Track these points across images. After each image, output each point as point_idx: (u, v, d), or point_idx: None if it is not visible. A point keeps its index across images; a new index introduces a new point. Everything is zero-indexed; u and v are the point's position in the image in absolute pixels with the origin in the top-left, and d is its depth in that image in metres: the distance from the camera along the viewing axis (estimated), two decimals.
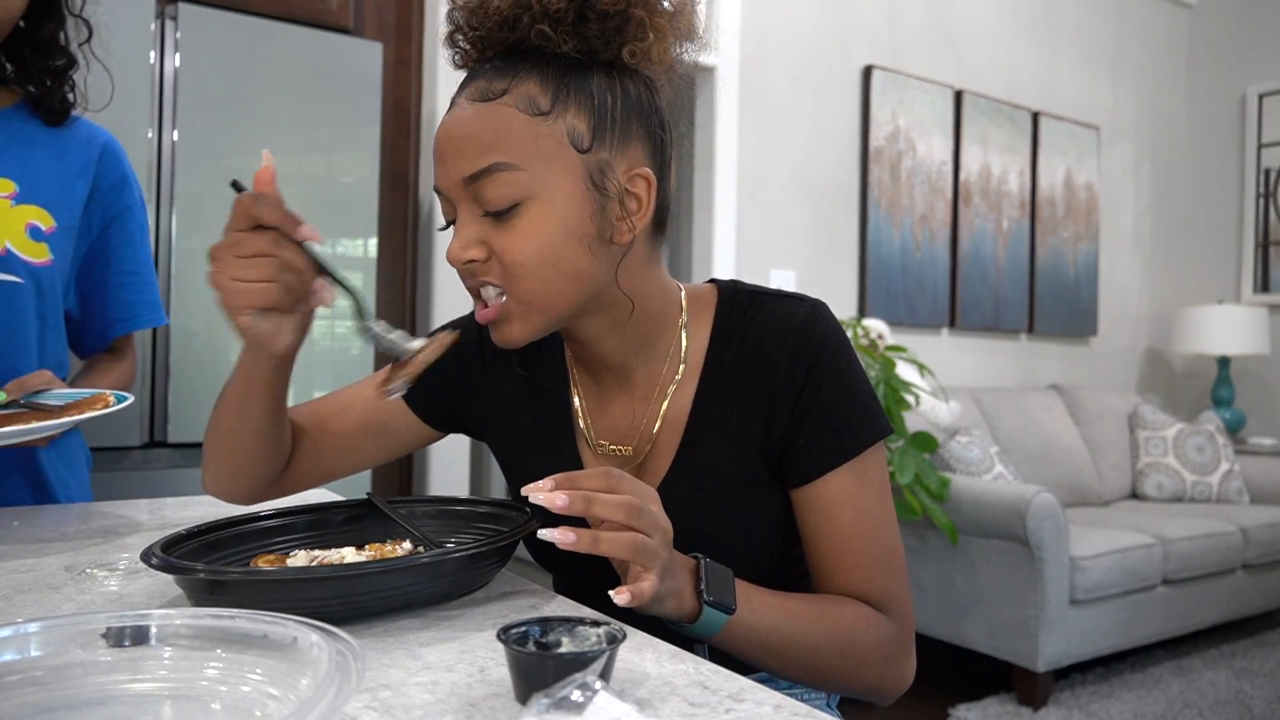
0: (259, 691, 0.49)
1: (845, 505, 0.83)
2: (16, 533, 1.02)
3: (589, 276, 0.80)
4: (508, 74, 0.78)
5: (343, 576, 0.68)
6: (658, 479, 0.87)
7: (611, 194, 0.79)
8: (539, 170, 0.76)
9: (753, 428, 0.85)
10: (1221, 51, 4.75)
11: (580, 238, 0.78)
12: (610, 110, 0.79)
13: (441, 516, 0.94)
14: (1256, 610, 3.37)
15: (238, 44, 2.05)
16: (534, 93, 0.77)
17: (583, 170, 0.78)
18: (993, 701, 2.72)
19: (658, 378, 0.89)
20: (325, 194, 2.18)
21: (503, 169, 0.76)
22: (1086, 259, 4.36)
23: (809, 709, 0.55)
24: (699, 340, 0.89)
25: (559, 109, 0.77)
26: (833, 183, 3.51)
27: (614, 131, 0.79)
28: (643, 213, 0.81)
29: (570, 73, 0.78)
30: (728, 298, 0.90)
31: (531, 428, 0.94)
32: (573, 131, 0.77)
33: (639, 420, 0.89)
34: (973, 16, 3.94)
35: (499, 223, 0.77)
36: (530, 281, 0.78)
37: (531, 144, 0.76)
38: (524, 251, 0.77)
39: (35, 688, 0.49)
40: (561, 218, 0.77)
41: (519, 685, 0.55)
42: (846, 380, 0.84)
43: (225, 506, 0.96)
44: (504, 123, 0.76)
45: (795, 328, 0.84)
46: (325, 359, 2.18)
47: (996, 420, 3.58)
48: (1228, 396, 4.32)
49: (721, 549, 0.83)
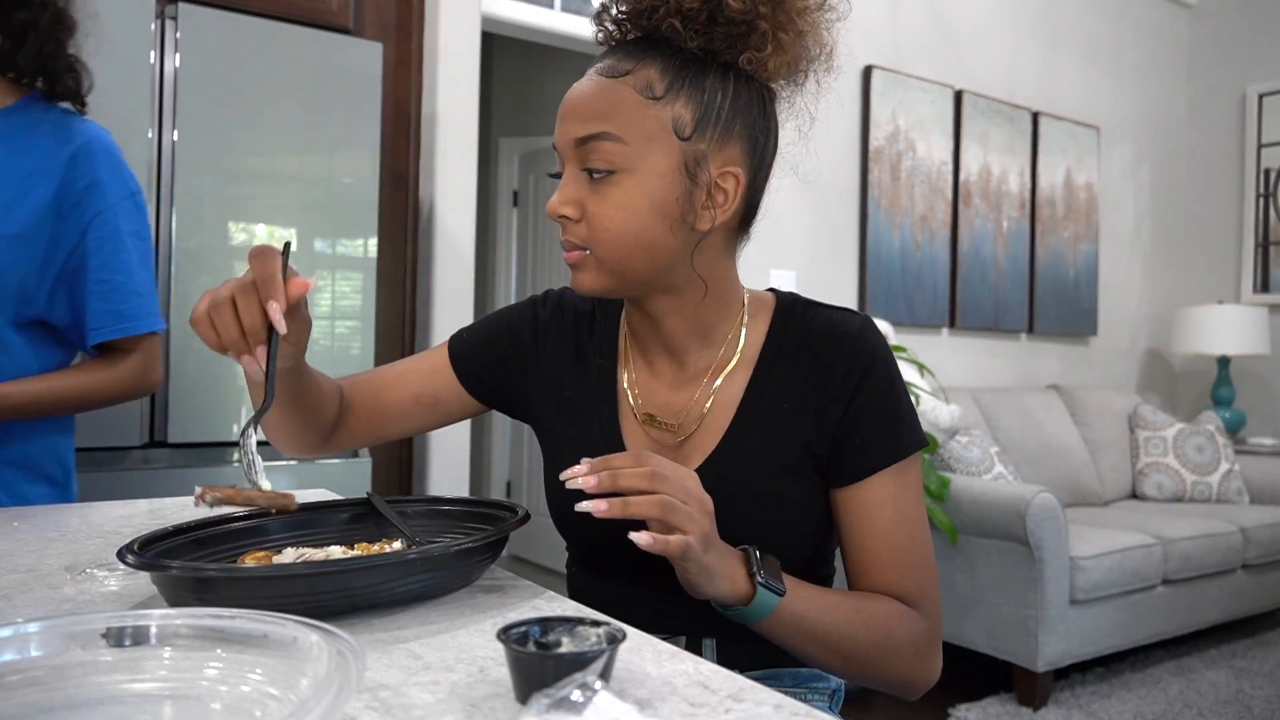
0: (259, 691, 0.49)
1: (887, 506, 0.88)
2: (16, 533, 1.02)
3: (664, 252, 0.86)
4: (635, 57, 0.85)
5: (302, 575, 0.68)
6: (702, 457, 0.91)
7: (701, 183, 0.85)
8: (640, 147, 0.83)
9: (801, 424, 0.89)
10: (1221, 51, 4.75)
11: (664, 216, 0.85)
12: (718, 107, 0.85)
13: (438, 516, 0.94)
14: (1256, 610, 3.37)
15: (238, 44, 2.05)
16: (653, 78, 0.84)
17: (679, 156, 0.84)
18: (993, 701, 2.72)
19: (711, 363, 0.94)
20: (325, 194, 2.18)
21: (608, 138, 0.83)
22: (1086, 259, 4.36)
23: (809, 709, 0.55)
24: (755, 335, 0.94)
25: (670, 96, 0.84)
26: (833, 183, 3.51)
27: (716, 127, 0.85)
28: (727, 206, 0.87)
29: (690, 67, 0.85)
30: (786, 303, 0.96)
31: (575, 399, 0.99)
32: (678, 119, 0.84)
33: (688, 400, 0.94)
34: (973, 16, 3.94)
35: (596, 186, 0.85)
36: (611, 245, 0.85)
37: (639, 123, 0.83)
38: (611, 218, 0.84)
39: (35, 688, 0.49)
40: (650, 194, 0.84)
41: (519, 685, 0.55)
42: (895, 390, 0.90)
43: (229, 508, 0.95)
44: (620, 98, 0.84)
45: (852, 334, 0.90)
46: (325, 358, 2.18)
47: (996, 420, 3.58)
48: (1228, 396, 4.32)
49: (759, 538, 0.86)
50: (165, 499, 1.28)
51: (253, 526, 0.88)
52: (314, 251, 2.18)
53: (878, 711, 2.69)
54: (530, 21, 2.93)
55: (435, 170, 2.64)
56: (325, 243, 2.20)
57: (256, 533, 0.88)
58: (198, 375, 2.00)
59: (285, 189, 2.14)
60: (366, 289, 2.23)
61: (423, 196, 2.62)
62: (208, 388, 2.02)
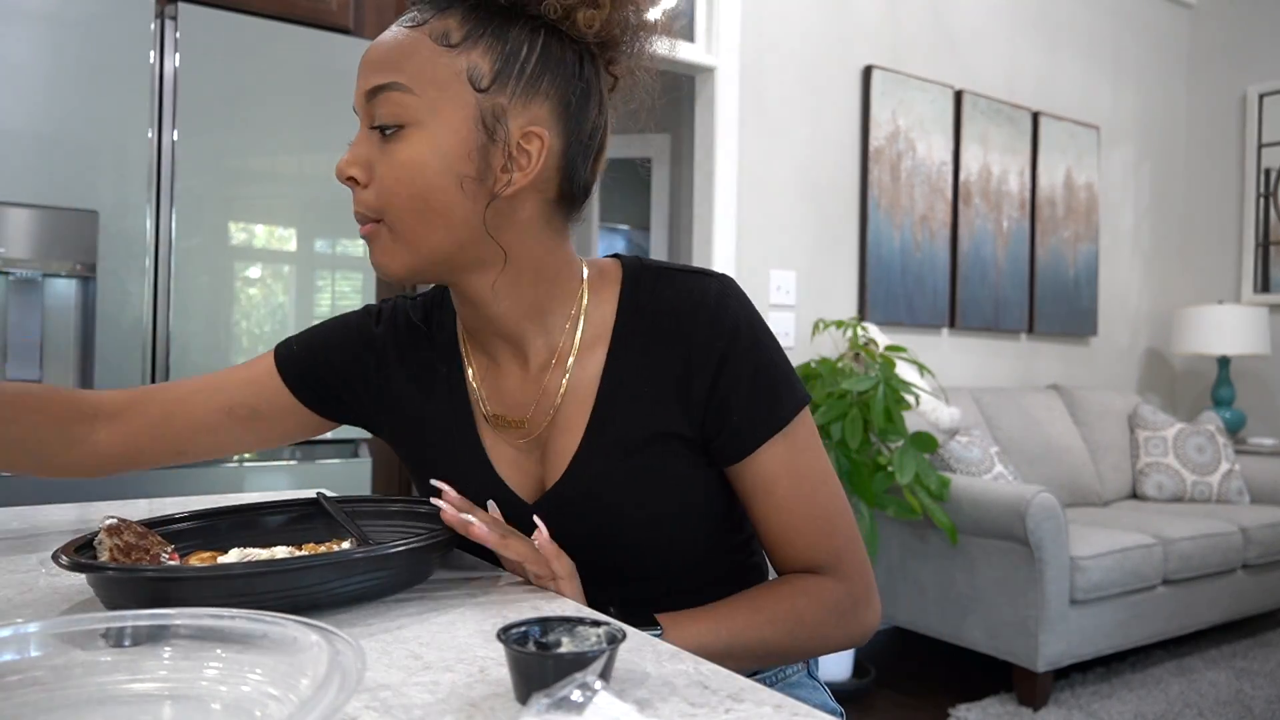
0: (259, 691, 0.49)
1: (781, 475, 0.84)
2: (16, 532, 1.02)
3: (460, 218, 0.79)
4: (437, 7, 0.79)
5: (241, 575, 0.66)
6: (567, 456, 0.85)
7: (499, 140, 0.78)
8: (430, 96, 0.77)
9: (668, 403, 0.84)
10: (1221, 51, 4.75)
11: (456, 175, 0.77)
12: (521, 60, 0.78)
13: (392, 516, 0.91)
14: (1256, 610, 3.37)
15: (238, 44, 2.05)
16: (450, 27, 0.78)
17: (474, 109, 0.77)
18: (993, 701, 2.72)
19: (555, 349, 0.87)
20: (325, 194, 2.18)
21: (395, 89, 0.77)
22: (1086, 259, 4.36)
23: (809, 709, 0.55)
24: (602, 313, 0.87)
25: (467, 45, 0.78)
26: (833, 183, 3.51)
27: (519, 81, 0.78)
28: (529, 169, 0.79)
29: (493, 17, 0.79)
30: (633, 272, 0.88)
31: (430, 417, 0.92)
32: (474, 69, 0.77)
33: (538, 392, 0.87)
34: (973, 16, 3.94)
35: (385, 145, 0.78)
36: (401, 209, 0.78)
37: (430, 71, 0.77)
38: (398, 178, 0.77)
39: (35, 688, 0.49)
40: (438, 148, 0.77)
41: (519, 685, 0.55)
42: (765, 354, 0.84)
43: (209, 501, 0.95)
44: (412, 47, 0.78)
45: (709, 304, 0.83)
46: None
47: (996, 420, 3.58)
48: (1228, 396, 4.32)
49: (650, 527, 0.84)
50: (165, 499, 1.28)
51: (198, 528, 0.86)
52: (314, 251, 2.18)
53: (878, 712, 2.69)
54: None
55: None
56: (325, 243, 2.20)
57: (202, 534, 0.86)
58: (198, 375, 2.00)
59: (285, 189, 2.14)
60: (366, 289, 2.23)
61: None
62: None
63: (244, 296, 2.10)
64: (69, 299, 1.92)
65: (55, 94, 1.85)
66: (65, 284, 1.92)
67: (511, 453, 0.89)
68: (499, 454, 0.89)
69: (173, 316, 1.97)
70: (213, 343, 2.02)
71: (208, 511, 0.88)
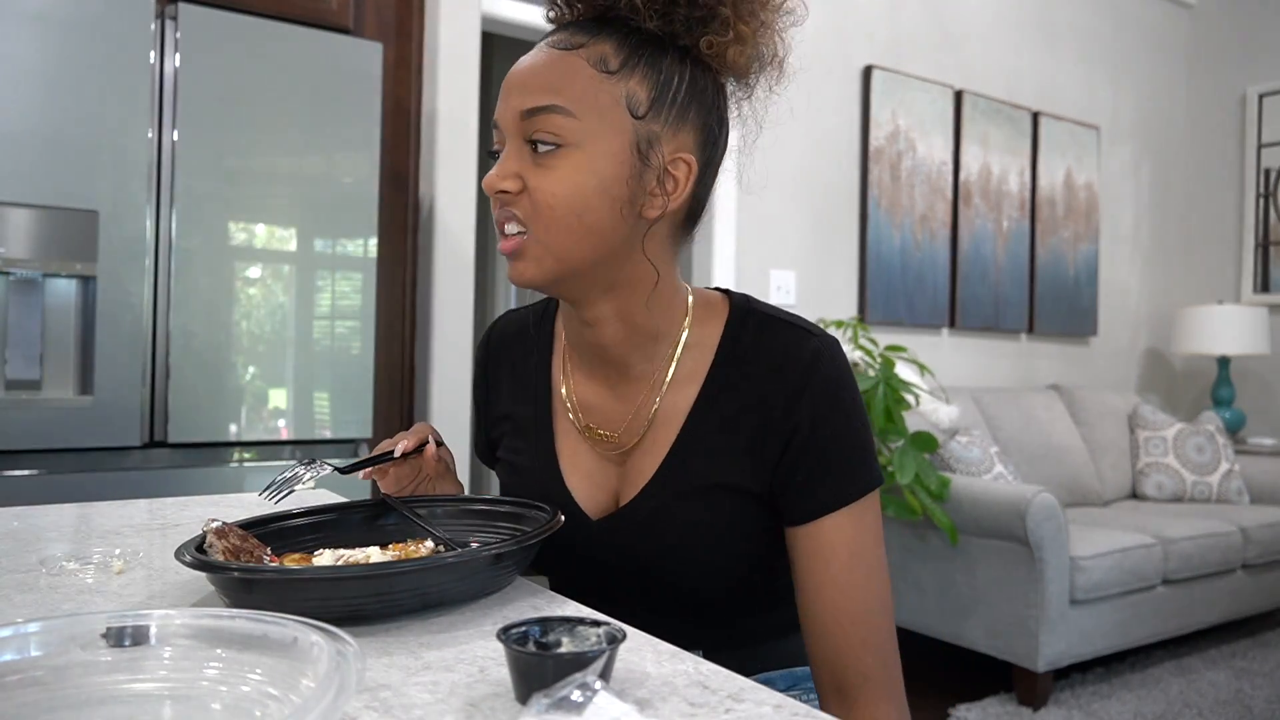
0: (259, 691, 0.49)
1: (840, 550, 0.83)
2: (16, 532, 1.02)
3: (609, 237, 0.81)
4: (590, 31, 0.81)
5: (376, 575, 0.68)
6: (641, 481, 0.87)
7: (653, 165, 0.81)
8: (591, 122, 0.79)
9: (741, 456, 0.85)
10: (1221, 51, 4.75)
11: (612, 197, 0.80)
12: (673, 90, 0.81)
13: (458, 516, 0.92)
14: (1256, 610, 3.37)
15: (238, 44, 2.05)
16: (607, 52, 0.80)
17: (631, 135, 0.80)
18: (993, 701, 2.71)
19: (653, 375, 0.89)
20: (325, 194, 2.18)
21: (557, 111, 0.79)
22: (1086, 259, 4.36)
23: (809, 709, 0.55)
24: (703, 348, 0.89)
25: (625, 72, 0.80)
26: (833, 183, 3.51)
27: (671, 110, 0.81)
28: (678, 193, 0.83)
29: (646, 45, 0.81)
30: (740, 314, 0.90)
31: (516, 416, 0.97)
32: (632, 96, 0.80)
33: (630, 412, 0.90)
34: (973, 16, 3.94)
35: (540, 161, 0.80)
36: (553, 224, 0.80)
37: (591, 96, 0.79)
38: (555, 194, 0.79)
39: (35, 688, 0.49)
40: (598, 172, 0.79)
41: (519, 685, 0.55)
42: (849, 423, 0.84)
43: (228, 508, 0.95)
44: (571, 70, 0.80)
45: (803, 361, 0.84)
46: (325, 358, 2.18)
47: (996, 420, 3.58)
48: (1228, 396, 4.32)
49: (694, 559, 0.85)
50: (165, 499, 1.28)
51: (282, 529, 0.87)
52: (314, 251, 2.18)
53: None
54: (530, 21, 2.93)
55: (435, 170, 2.64)
56: (325, 243, 2.20)
57: (287, 534, 0.87)
58: (198, 375, 2.00)
59: (285, 189, 2.14)
60: (366, 289, 2.23)
61: (423, 196, 2.62)
62: (208, 388, 2.02)
63: (244, 296, 2.10)
64: (69, 299, 1.92)
65: (55, 94, 1.85)
66: (65, 284, 1.92)
67: (587, 465, 0.91)
68: (572, 465, 0.92)
69: (173, 316, 1.97)
70: (213, 343, 2.02)
71: (280, 515, 0.89)
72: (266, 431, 2.10)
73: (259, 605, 0.66)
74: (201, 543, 0.76)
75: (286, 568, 0.73)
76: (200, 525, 1.07)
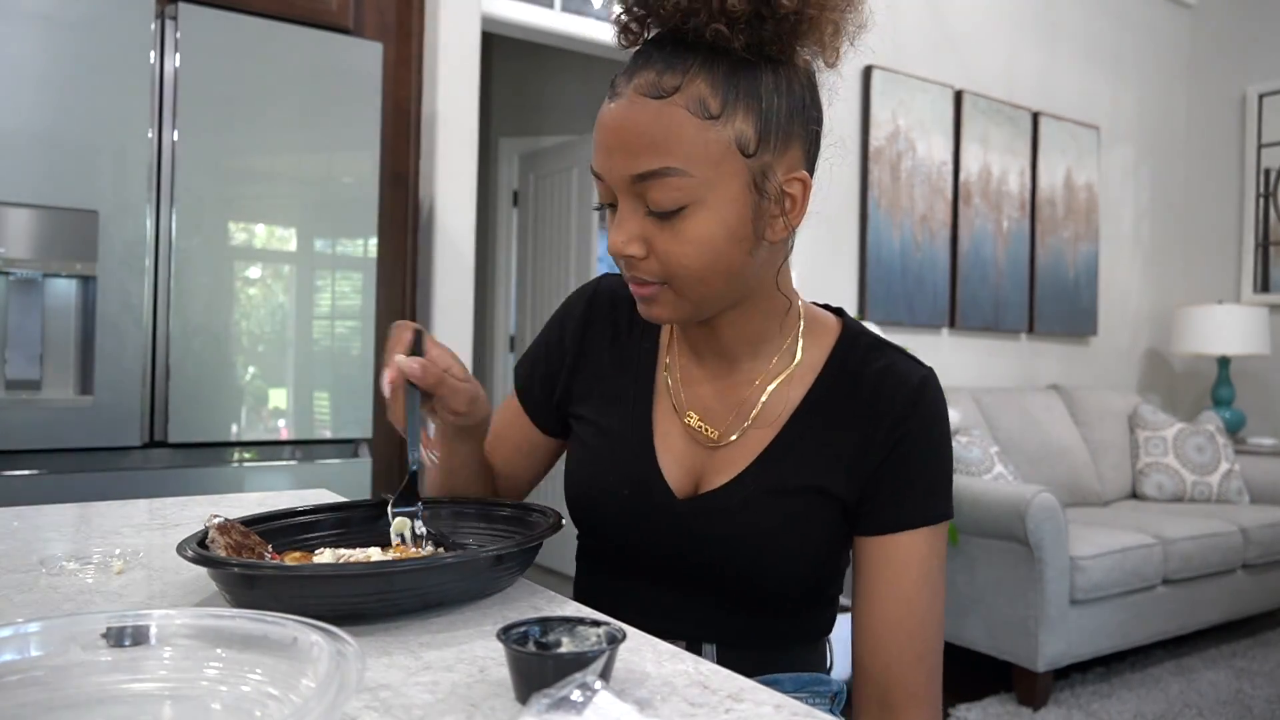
0: (259, 691, 0.49)
1: (913, 567, 0.85)
2: (16, 532, 1.02)
3: (743, 275, 0.82)
4: (678, 69, 0.76)
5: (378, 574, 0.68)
6: (734, 471, 0.88)
7: (770, 194, 0.80)
8: (707, 175, 0.76)
9: (839, 465, 0.86)
10: (1221, 51, 4.75)
11: (741, 240, 0.79)
12: (776, 113, 0.79)
13: (460, 518, 0.92)
14: (1256, 610, 3.38)
15: (238, 44, 2.05)
16: (704, 94, 0.76)
17: (747, 174, 0.78)
18: (993, 701, 2.71)
19: (760, 374, 0.90)
20: (325, 194, 2.18)
21: (673, 174, 0.76)
22: (1086, 259, 4.36)
23: (809, 709, 0.55)
24: (812, 356, 0.90)
25: (729, 113, 0.76)
26: (832, 183, 3.50)
27: (778, 135, 0.79)
28: (797, 211, 0.82)
29: (739, 72, 0.77)
30: (852, 335, 0.92)
31: (611, 388, 0.96)
32: (740, 136, 0.77)
33: (733, 405, 0.90)
34: (973, 16, 3.94)
35: (662, 222, 0.78)
36: (690, 282, 0.80)
37: (701, 149, 0.76)
38: (687, 254, 0.78)
39: (35, 688, 0.49)
40: (724, 221, 0.78)
41: (519, 685, 0.55)
42: (942, 451, 0.87)
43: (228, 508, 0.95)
44: (675, 123, 0.75)
45: (913, 385, 0.86)
46: (325, 358, 2.18)
47: (996, 420, 3.58)
48: (1228, 396, 4.32)
49: (769, 554, 0.86)
50: (165, 499, 1.28)
51: (284, 526, 0.87)
52: (314, 251, 2.18)
53: None
54: (530, 21, 2.93)
55: (435, 170, 2.64)
56: (325, 243, 2.20)
57: (288, 532, 0.87)
58: (198, 375, 2.00)
59: (285, 189, 2.14)
60: (366, 289, 2.23)
61: (423, 196, 2.62)
62: (208, 388, 2.02)
63: (244, 296, 2.10)
64: (69, 299, 1.92)
65: (55, 94, 1.85)
66: (65, 284, 1.91)
67: (678, 447, 0.91)
68: (664, 444, 0.92)
69: (173, 316, 1.97)
70: (213, 343, 2.02)
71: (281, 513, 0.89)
72: (266, 431, 2.10)
73: (259, 602, 0.66)
74: (204, 538, 0.75)
75: (288, 565, 0.72)
76: (200, 524, 1.07)
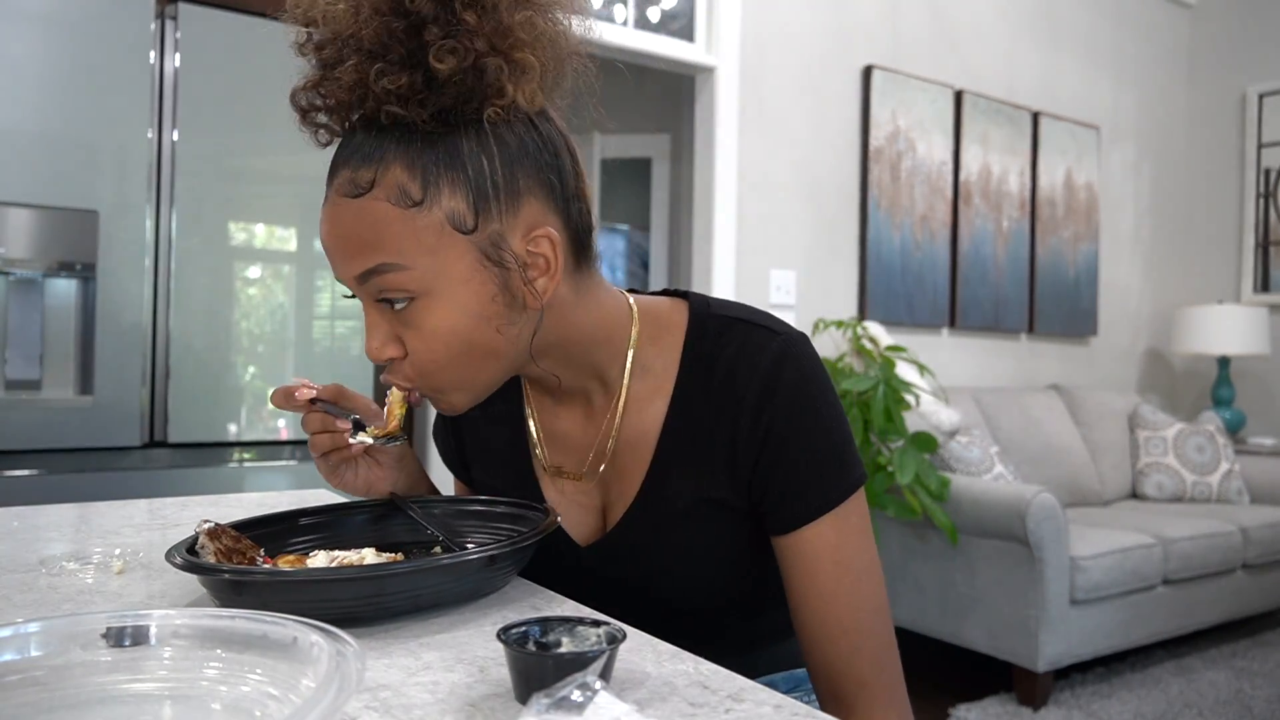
0: (259, 691, 0.49)
1: (825, 558, 0.79)
2: (16, 532, 1.02)
3: (507, 351, 0.76)
4: (372, 161, 0.71)
5: (368, 578, 0.68)
6: (623, 506, 0.85)
7: (511, 265, 0.73)
8: (426, 264, 0.71)
9: (718, 468, 0.81)
10: (1221, 51, 4.75)
11: (489, 318, 0.73)
12: (489, 176, 0.71)
13: (456, 516, 0.92)
14: (1256, 610, 3.37)
15: (238, 44, 2.05)
16: (402, 180, 0.70)
17: (474, 251, 0.72)
18: (993, 701, 2.71)
19: (615, 398, 0.85)
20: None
21: (390, 270, 0.71)
22: (1086, 259, 4.36)
23: (809, 709, 0.55)
24: (664, 362, 0.84)
25: (431, 194, 0.70)
26: (833, 183, 3.51)
27: (499, 198, 0.72)
28: (552, 271, 0.75)
29: (436, 147, 0.70)
30: (699, 320, 0.84)
31: (497, 459, 0.95)
32: (452, 215, 0.71)
33: (598, 441, 0.86)
34: (973, 16, 3.94)
35: (403, 317, 0.73)
36: (446, 375, 0.76)
37: (412, 239, 0.70)
38: (434, 349, 0.73)
39: (35, 688, 0.49)
40: (463, 306, 0.72)
41: (519, 685, 0.55)
42: (819, 425, 0.79)
43: (228, 508, 0.95)
44: (379, 219, 0.70)
45: (764, 364, 0.79)
46: (325, 358, 2.18)
47: (996, 420, 3.58)
48: (1228, 396, 4.32)
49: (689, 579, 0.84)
50: (165, 499, 1.28)
51: (280, 530, 0.87)
52: (314, 251, 2.18)
53: None
54: None
55: None
56: None
57: (284, 535, 0.87)
58: (198, 375, 2.00)
59: (285, 189, 2.14)
60: None
61: None
62: (208, 388, 2.02)
63: (244, 296, 2.10)
64: (69, 299, 1.92)
65: (55, 94, 1.85)
66: (65, 284, 1.92)
67: (570, 490, 0.90)
68: (556, 498, 0.90)
69: (173, 316, 1.97)
70: (213, 343, 2.02)
71: (279, 515, 0.89)
72: (266, 431, 2.10)
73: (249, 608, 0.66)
74: (194, 544, 0.75)
75: (277, 569, 0.72)
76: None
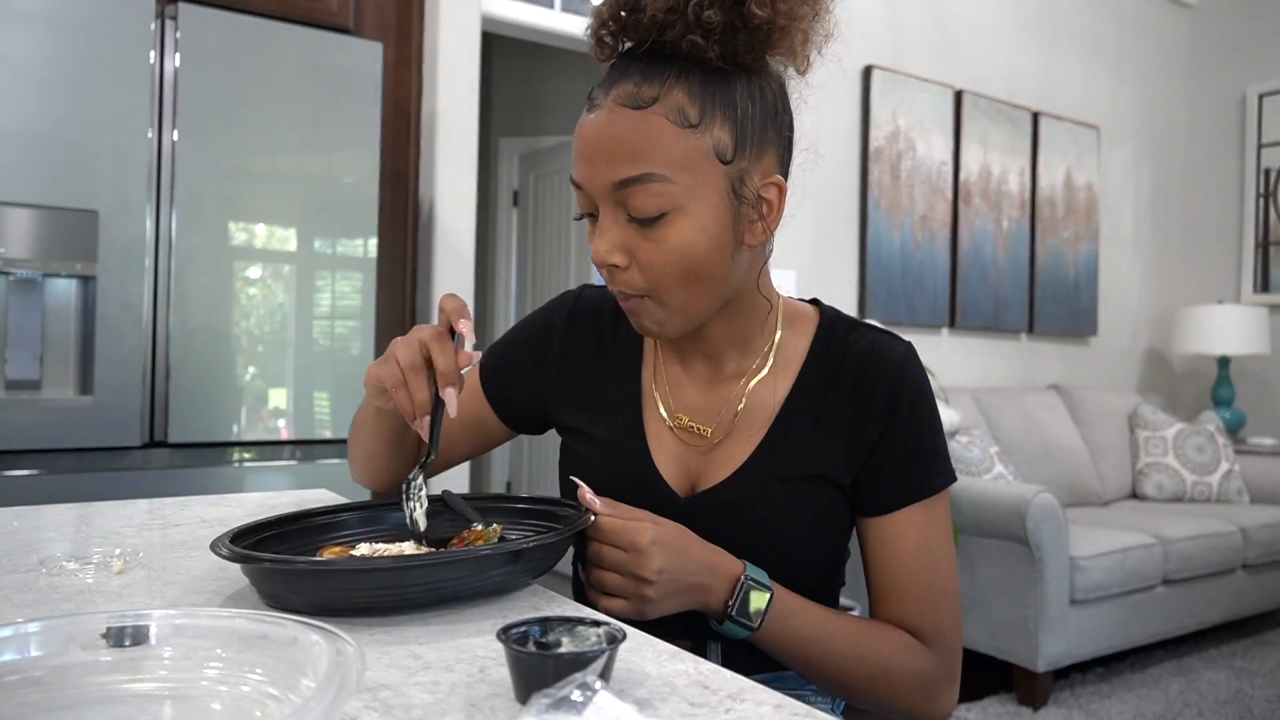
0: (259, 691, 0.49)
1: (910, 539, 0.87)
2: (16, 532, 1.02)
3: (727, 281, 0.84)
4: (655, 80, 0.79)
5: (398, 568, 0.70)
6: (732, 466, 0.89)
7: (747, 200, 0.82)
8: (687, 182, 0.79)
9: (834, 445, 0.88)
10: (1221, 51, 4.75)
11: (722, 245, 0.81)
12: (751, 120, 0.81)
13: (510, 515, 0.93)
14: (1256, 610, 3.37)
15: (238, 44, 2.05)
16: (683, 103, 0.78)
17: (725, 181, 0.80)
18: (993, 701, 2.71)
19: (747, 368, 0.92)
20: (325, 194, 2.18)
21: (654, 179, 0.78)
22: (1086, 259, 4.36)
23: (809, 709, 0.55)
24: (796, 346, 0.93)
25: (706, 121, 0.79)
26: (833, 182, 3.51)
27: (753, 141, 0.81)
28: (774, 215, 0.84)
29: (715, 81, 0.80)
30: (830, 320, 0.94)
31: (598, 399, 0.97)
32: (718, 144, 0.79)
33: (720, 403, 0.92)
34: (973, 16, 3.94)
35: (644, 230, 0.80)
36: (674, 289, 0.82)
37: (681, 156, 0.78)
38: (669, 263, 0.80)
39: (35, 688, 0.49)
40: (705, 227, 0.80)
41: (519, 685, 0.55)
42: (932, 424, 0.89)
43: (229, 508, 0.95)
44: (656, 132, 0.78)
45: (896, 362, 0.89)
46: (325, 358, 2.18)
47: (996, 420, 3.58)
48: (1228, 396, 4.32)
49: (775, 544, 0.87)
50: (165, 499, 1.28)
51: (327, 523, 0.90)
52: (314, 251, 2.18)
53: None
54: (530, 21, 2.93)
55: (435, 170, 2.64)
56: (325, 243, 2.20)
57: (331, 528, 0.90)
58: (198, 376, 2.00)
59: (285, 189, 2.14)
60: (366, 289, 2.23)
61: (423, 196, 2.62)
62: (208, 388, 2.02)
63: (244, 296, 2.09)
64: (69, 299, 1.92)
65: (55, 94, 1.85)
66: (65, 284, 1.91)
67: (672, 448, 0.93)
68: (660, 446, 0.93)
69: (173, 316, 1.97)
70: (213, 343, 2.02)
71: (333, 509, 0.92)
72: (266, 431, 2.10)
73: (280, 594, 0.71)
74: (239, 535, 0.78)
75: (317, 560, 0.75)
76: (198, 525, 1.07)
